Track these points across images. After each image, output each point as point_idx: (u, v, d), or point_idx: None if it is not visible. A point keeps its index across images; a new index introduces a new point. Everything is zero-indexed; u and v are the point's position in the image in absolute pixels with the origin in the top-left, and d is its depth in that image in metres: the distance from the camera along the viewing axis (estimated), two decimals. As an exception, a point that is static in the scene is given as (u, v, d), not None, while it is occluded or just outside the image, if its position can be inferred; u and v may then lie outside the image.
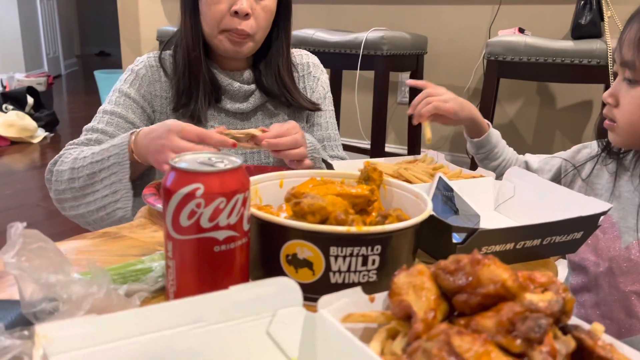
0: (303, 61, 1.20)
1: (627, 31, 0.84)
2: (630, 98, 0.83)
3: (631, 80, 0.83)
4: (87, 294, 0.43)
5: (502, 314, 0.37)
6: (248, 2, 1.02)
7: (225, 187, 0.47)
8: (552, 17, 2.37)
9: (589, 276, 0.91)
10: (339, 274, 0.52)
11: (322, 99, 1.20)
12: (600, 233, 0.90)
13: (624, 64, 0.83)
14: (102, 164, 0.90)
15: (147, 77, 1.08)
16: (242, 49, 1.05)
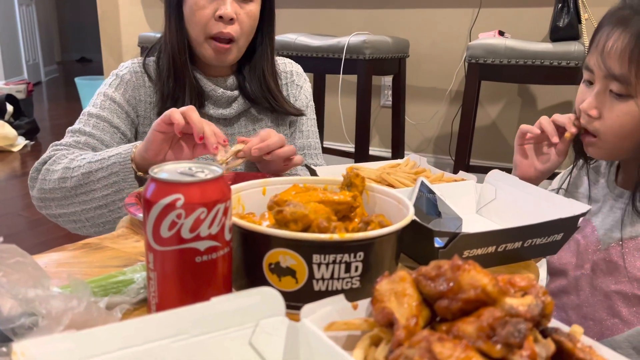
0: (287, 69, 1.20)
1: (611, 41, 0.78)
2: (620, 113, 0.79)
3: (620, 94, 0.78)
4: (67, 309, 0.43)
5: (483, 319, 0.37)
6: (232, 7, 1.02)
7: (205, 197, 0.47)
8: (531, 20, 2.41)
9: (569, 279, 0.91)
10: (322, 281, 0.52)
11: (305, 108, 1.20)
12: (580, 237, 0.90)
13: (611, 77, 0.79)
14: (99, 165, 0.90)
15: (131, 82, 1.08)
16: (226, 58, 1.06)
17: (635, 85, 0.76)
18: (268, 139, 0.90)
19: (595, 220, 0.89)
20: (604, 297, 0.85)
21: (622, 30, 0.78)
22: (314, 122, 1.23)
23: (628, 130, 0.79)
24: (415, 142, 2.83)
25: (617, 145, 0.81)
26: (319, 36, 2.44)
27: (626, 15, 0.79)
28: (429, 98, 2.74)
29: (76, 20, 8.96)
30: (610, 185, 0.89)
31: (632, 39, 0.76)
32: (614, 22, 0.80)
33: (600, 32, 0.81)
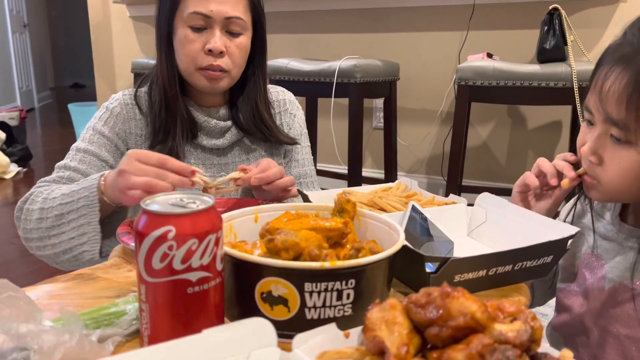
0: (279, 98, 1.21)
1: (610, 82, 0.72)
2: (621, 160, 0.73)
3: (620, 140, 0.72)
4: (59, 343, 0.43)
5: (472, 346, 0.38)
6: (222, 40, 1.02)
7: (197, 228, 0.47)
8: (518, 42, 2.45)
9: (576, 317, 0.86)
10: (315, 309, 0.53)
11: (299, 136, 1.21)
12: (588, 274, 0.85)
13: (609, 121, 0.73)
14: (71, 205, 0.88)
15: (121, 115, 1.08)
16: (218, 85, 1.06)
17: (635, 131, 0.70)
18: (268, 169, 0.91)
19: (606, 257, 0.83)
20: (615, 341, 0.80)
21: (620, 70, 0.71)
22: (308, 149, 1.24)
23: (630, 178, 0.73)
24: (408, 163, 2.85)
25: (619, 191, 0.76)
26: (311, 61, 2.47)
27: (626, 53, 0.72)
28: (420, 120, 2.77)
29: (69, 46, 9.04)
30: (615, 222, 0.84)
31: (630, 81, 0.70)
32: (614, 60, 0.73)
33: (600, 70, 0.75)
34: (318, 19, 2.92)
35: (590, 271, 0.84)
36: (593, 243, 0.86)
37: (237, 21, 1.03)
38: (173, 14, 1.04)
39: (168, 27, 1.05)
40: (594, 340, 0.83)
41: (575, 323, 0.86)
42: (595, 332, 0.83)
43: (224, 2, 1.02)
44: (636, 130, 0.70)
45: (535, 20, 2.21)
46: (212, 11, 1.01)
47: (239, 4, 1.04)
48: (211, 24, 1.02)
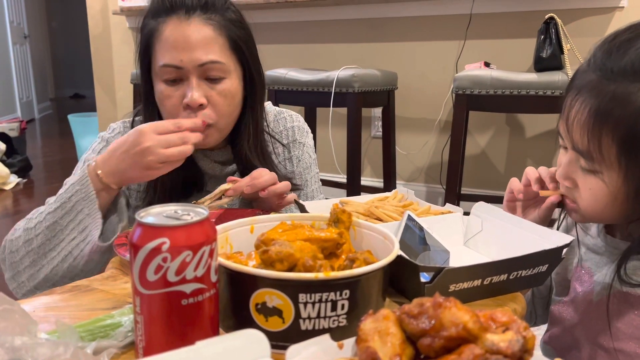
0: (288, 125, 1.13)
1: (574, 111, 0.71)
2: (591, 187, 0.73)
3: (588, 170, 0.73)
4: (53, 356, 0.43)
5: (463, 357, 0.38)
6: (200, 91, 0.91)
7: (191, 240, 0.47)
8: (515, 51, 2.46)
9: (564, 328, 0.86)
10: (309, 320, 0.53)
11: (309, 167, 1.14)
12: (578, 286, 0.84)
13: (576, 150, 0.73)
14: (62, 209, 0.84)
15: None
16: (205, 142, 0.94)
17: (600, 162, 0.70)
18: (260, 177, 0.90)
19: (595, 270, 0.83)
20: (606, 353, 0.79)
21: (584, 99, 0.70)
22: (317, 177, 1.16)
23: (601, 204, 0.73)
24: (407, 171, 2.86)
25: (596, 215, 0.76)
26: (309, 70, 2.48)
27: (589, 81, 0.70)
28: (419, 128, 2.78)
29: (70, 57, 9.08)
30: (601, 235, 0.83)
31: (591, 113, 0.69)
32: (579, 88, 0.72)
33: (568, 96, 0.74)
34: (316, 29, 2.94)
35: (580, 284, 0.84)
36: (580, 257, 0.86)
37: (214, 66, 0.92)
38: (148, 69, 0.96)
39: (146, 85, 0.97)
40: (585, 354, 0.82)
41: (566, 337, 0.86)
42: (586, 345, 0.82)
43: (194, 48, 0.90)
44: (600, 161, 0.70)
45: (532, 29, 2.22)
46: (182, 61, 0.90)
47: (213, 45, 0.92)
48: (186, 75, 0.91)
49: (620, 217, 0.75)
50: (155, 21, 0.95)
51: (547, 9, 2.21)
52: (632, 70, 0.67)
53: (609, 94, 0.68)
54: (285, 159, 1.12)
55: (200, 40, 0.91)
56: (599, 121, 0.68)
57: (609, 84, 0.68)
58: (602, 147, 0.69)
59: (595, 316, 0.81)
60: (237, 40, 0.96)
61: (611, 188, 0.71)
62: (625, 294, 0.77)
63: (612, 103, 0.68)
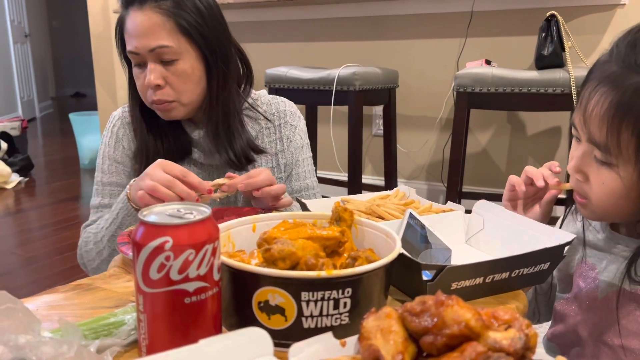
0: (280, 109, 1.17)
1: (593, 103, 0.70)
2: (605, 180, 0.72)
3: (603, 162, 0.71)
4: (57, 354, 0.43)
5: (466, 354, 0.38)
6: (157, 73, 1.01)
7: (193, 239, 0.47)
8: (516, 48, 2.46)
9: (567, 325, 0.86)
10: (312, 318, 0.53)
11: (300, 148, 1.18)
12: (582, 282, 0.84)
13: (592, 142, 0.72)
14: (115, 224, 0.97)
15: (126, 136, 1.11)
16: (172, 114, 1.05)
17: (617, 155, 0.69)
18: (256, 177, 0.92)
19: (599, 266, 0.82)
20: (610, 350, 0.79)
21: (604, 91, 0.69)
22: (310, 160, 1.21)
23: (614, 199, 0.72)
24: (408, 169, 2.86)
25: (607, 211, 0.75)
26: (310, 69, 2.48)
27: (611, 72, 0.69)
28: (420, 126, 2.78)
29: (71, 56, 9.07)
30: (606, 231, 0.83)
31: (612, 104, 0.68)
32: (599, 79, 0.71)
33: (586, 87, 0.73)
34: (317, 27, 2.94)
35: (583, 280, 0.83)
36: (583, 252, 0.85)
37: (164, 50, 1.00)
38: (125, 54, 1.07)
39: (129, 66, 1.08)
40: (589, 351, 0.82)
41: (569, 333, 0.85)
42: (589, 342, 0.82)
43: (144, 34, 1.00)
44: (617, 154, 0.69)
45: (533, 27, 2.22)
46: (137, 47, 1.01)
47: (160, 30, 1.00)
48: (143, 59, 1.02)
49: (631, 214, 0.74)
50: (124, 12, 1.05)
51: (548, 7, 2.21)
52: None
53: (632, 86, 0.67)
54: (275, 139, 1.16)
55: (148, 27, 1.00)
56: (620, 114, 0.67)
57: (632, 77, 0.67)
58: (620, 140, 0.68)
59: (600, 313, 0.80)
60: (187, 25, 1.02)
61: (626, 182, 0.70)
62: (631, 292, 0.77)
63: (635, 96, 0.67)
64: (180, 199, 0.84)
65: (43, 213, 3.17)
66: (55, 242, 2.64)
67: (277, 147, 1.16)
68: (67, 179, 3.89)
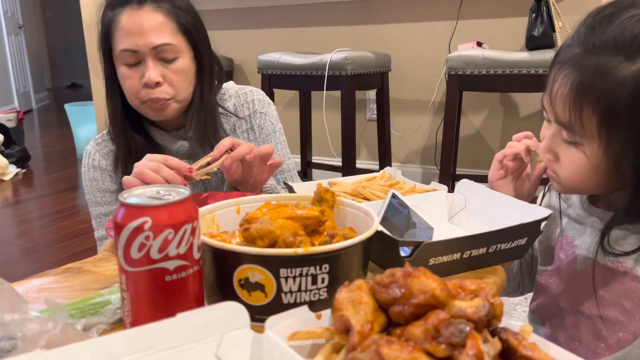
0: (248, 99, 1.20)
1: (557, 85, 0.73)
2: (573, 158, 0.75)
3: (570, 142, 0.75)
4: (43, 331, 0.45)
5: (429, 321, 0.40)
6: (156, 70, 1.02)
7: (172, 219, 0.49)
8: (507, 30, 2.46)
9: (550, 297, 0.88)
10: (291, 294, 0.55)
11: (273, 133, 1.20)
12: (562, 255, 0.87)
13: (559, 122, 0.75)
14: None
15: (109, 166, 1.12)
16: (165, 113, 1.06)
17: (581, 134, 0.72)
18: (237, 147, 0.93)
19: (578, 239, 0.85)
20: (588, 320, 0.82)
21: (567, 73, 0.72)
22: (284, 144, 1.23)
23: (582, 176, 0.76)
24: (402, 153, 2.87)
25: (576, 187, 0.79)
26: (302, 54, 2.48)
27: (573, 55, 0.72)
28: (413, 110, 2.78)
29: (66, 47, 9.03)
30: (584, 205, 0.86)
31: (573, 85, 0.71)
32: (562, 62, 0.73)
33: (552, 70, 0.76)
34: (308, 12, 2.93)
35: (564, 253, 0.86)
36: (562, 226, 0.88)
37: (167, 47, 1.02)
38: (109, 54, 1.07)
39: (108, 68, 1.08)
40: (569, 321, 0.85)
41: (551, 305, 0.88)
42: (569, 313, 0.85)
43: (147, 32, 1.01)
44: (582, 133, 0.72)
45: (524, 8, 2.22)
46: (137, 45, 1.01)
47: (163, 29, 1.03)
48: (142, 57, 1.02)
49: (600, 188, 0.78)
50: (113, 12, 1.06)
51: (539, -13, 2.20)
52: (613, 44, 0.68)
53: (591, 67, 0.69)
54: (247, 130, 1.19)
55: (152, 26, 1.02)
56: (581, 94, 0.70)
57: (591, 58, 0.70)
58: (583, 119, 0.71)
59: (579, 284, 0.83)
60: (186, 24, 1.06)
61: (592, 159, 0.73)
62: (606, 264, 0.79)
63: (593, 76, 0.69)
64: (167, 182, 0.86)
65: (41, 203, 3.19)
66: (54, 232, 2.66)
67: (249, 137, 1.18)
68: (65, 170, 3.90)
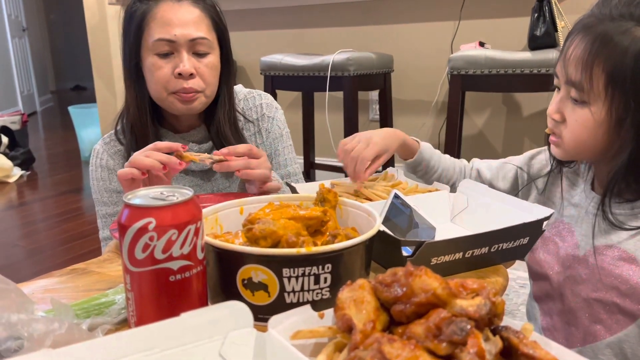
0: (257, 103, 1.21)
1: (572, 48, 0.81)
2: (578, 117, 0.81)
3: (577, 100, 0.81)
4: (49, 331, 0.46)
5: (430, 320, 0.40)
6: (190, 62, 1.03)
7: (176, 219, 0.50)
8: (509, 29, 2.46)
9: (552, 284, 0.91)
10: (294, 293, 0.55)
11: (279, 137, 1.21)
12: (559, 241, 0.90)
13: (569, 83, 0.81)
14: None
15: (118, 165, 1.11)
16: (193, 106, 1.06)
17: (589, 92, 0.78)
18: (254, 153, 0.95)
19: (575, 225, 0.89)
20: (585, 304, 0.85)
21: (581, 37, 0.79)
22: (290, 148, 1.24)
23: (585, 136, 0.81)
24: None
25: (577, 149, 0.84)
26: (305, 55, 2.49)
27: (589, 22, 0.80)
28: (416, 110, 2.78)
29: (69, 49, 9.06)
30: (587, 190, 0.90)
31: (587, 46, 0.78)
32: (577, 30, 0.82)
33: (568, 40, 0.83)
34: (311, 13, 2.93)
35: (561, 238, 0.89)
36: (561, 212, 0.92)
37: (203, 41, 1.04)
38: (138, 44, 1.05)
39: (135, 58, 1.06)
40: (567, 305, 0.87)
41: (551, 290, 0.91)
42: (568, 297, 0.87)
43: (186, 25, 1.02)
44: (589, 90, 0.78)
45: (526, 8, 2.22)
46: (175, 35, 1.01)
47: (201, 24, 1.05)
48: (177, 48, 1.02)
49: (599, 150, 0.83)
50: (147, 4, 1.05)
51: (541, -13, 2.20)
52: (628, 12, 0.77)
53: (604, 29, 0.77)
54: (255, 133, 1.20)
55: (191, 19, 1.04)
56: (593, 53, 0.78)
57: (606, 23, 0.78)
58: (592, 77, 0.78)
59: (579, 269, 0.86)
60: (218, 23, 1.10)
61: (596, 117, 0.79)
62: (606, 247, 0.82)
63: (606, 37, 0.77)
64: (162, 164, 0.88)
65: (45, 205, 3.21)
66: (58, 234, 2.67)
67: (256, 141, 1.19)
68: (69, 172, 3.92)
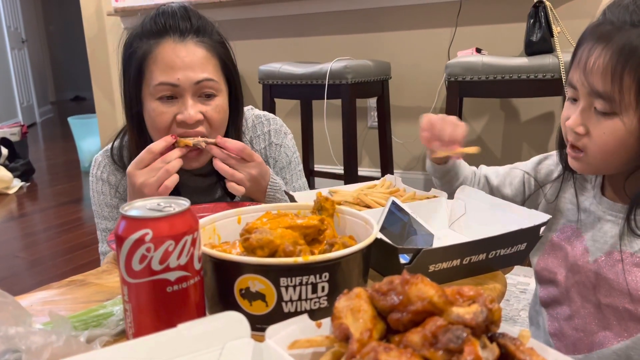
0: (264, 130, 1.16)
1: (593, 58, 0.77)
2: (605, 129, 0.77)
3: (605, 112, 0.77)
4: (46, 344, 0.46)
5: (427, 328, 0.40)
6: (195, 108, 0.95)
7: (173, 230, 0.50)
8: (506, 36, 2.47)
9: (560, 289, 0.90)
10: (291, 303, 0.55)
11: (287, 166, 1.16)
12: (568, 246, 0.89)
13: (594, 94, 0.77)
14: None
15: (113, 179, 1.08)
16: (194, 165, 0.99)
17: (620, 102, 0.75)
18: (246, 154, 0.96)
19: (585, 231, 0.87)
20: (595, 310, 0.84)
21: (603, 47, 0.76)
22: (300, 174, 1.19)
23: (615, 147, 0.78)
24: (404, 160, 2.87)
25: (604, 162, 0.81)
26: (302, 64, 2.50)
27: (607, 31, 0.77)
28: (414, 117, 2.78)
29: (69, 60, 9.11)
30: (597, 196, 0.88)
31: (614, 55, 0.75)
32: (596, 38, 0.78)
33: (582, 48, 0.80)
34: (308, 21, 2.95)
35: (570, 244, 0.88)
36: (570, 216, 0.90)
37: (209, 83, 0.96)
38: (139, 88, 0.98)
39: (137, 104, 0.99)
40: (575, 311, 0.86)
41: (559, 295, 0.90)
42: (577, 302, 0.86)
43: (190, 67, 0.95)
44: (620, 101, 0.75)
45: (522, 14, 2.23)
46: (179, 79, 0.94)
47: (207, 64, 0.97)
48: (181, 92, 0.95)
49: (624, 163, 0.80)
50: (147, 43, 0.98)
51: (536, -7, 2.21)
52: None
53: (629, 38, 0.74)
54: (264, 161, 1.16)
55: (196, 60, 0.96)
56: (622, 61, 0.74)
57: (629, 30, 0.75)
58: (623, 86, 0.74)
59: (589, 275, 0.85)
60: (226, 60, 1.02)
61: (628, 127, 0.76)
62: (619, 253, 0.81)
63: (632, 45, 0.74)
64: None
65: (45, 216, 3.21)
66: (59, 244, 2.67)
67: None
68: (69, 182, 3.92)
